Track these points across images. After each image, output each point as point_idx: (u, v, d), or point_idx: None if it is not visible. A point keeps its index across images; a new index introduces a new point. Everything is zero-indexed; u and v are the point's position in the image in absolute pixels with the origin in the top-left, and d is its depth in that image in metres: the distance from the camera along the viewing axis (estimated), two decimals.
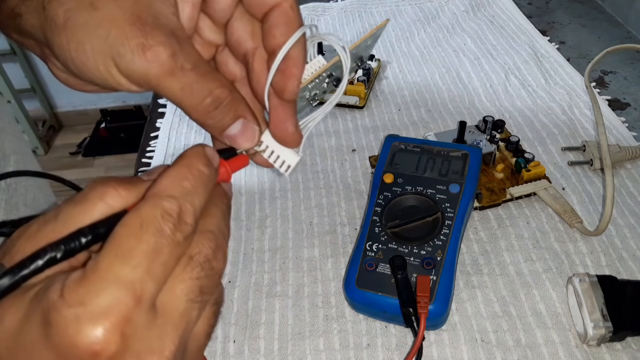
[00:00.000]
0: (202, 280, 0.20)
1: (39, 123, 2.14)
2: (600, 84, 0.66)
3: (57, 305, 0.17)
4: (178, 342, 0.19)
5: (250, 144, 0.26)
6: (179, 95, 0.23)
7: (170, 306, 0.19)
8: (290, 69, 0.25)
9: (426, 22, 0.81)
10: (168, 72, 0.23)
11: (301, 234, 0.49)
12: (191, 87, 0.23)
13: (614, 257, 0.44)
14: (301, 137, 0.27)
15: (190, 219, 0.20)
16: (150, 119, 0.67)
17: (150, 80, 0.23)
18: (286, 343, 0.41)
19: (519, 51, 0.72)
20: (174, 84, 0.23)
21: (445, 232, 0.42)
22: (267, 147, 0.27)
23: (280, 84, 0.25)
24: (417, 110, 0.63)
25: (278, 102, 0.26)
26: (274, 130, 0.27)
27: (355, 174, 0.55)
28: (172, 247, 0.19)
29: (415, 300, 0.38)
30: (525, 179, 0.50)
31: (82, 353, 0.17)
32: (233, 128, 0.25)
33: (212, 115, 0.24)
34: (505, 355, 0.38)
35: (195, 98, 0.24)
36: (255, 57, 0.27)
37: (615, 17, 0.80)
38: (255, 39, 0.26)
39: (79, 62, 0.23)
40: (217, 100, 0.24)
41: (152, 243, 0.18)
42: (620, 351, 0.38)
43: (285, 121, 0.27)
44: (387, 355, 0.39)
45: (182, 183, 0.20)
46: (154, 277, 0.18)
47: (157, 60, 0.22)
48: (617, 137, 0.56)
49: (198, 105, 0.24)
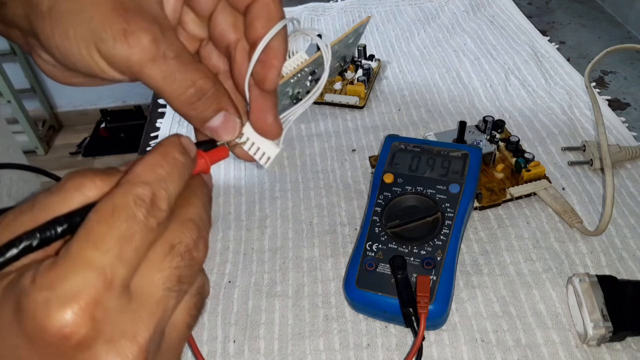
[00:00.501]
0: (182, 269, 0.20)
1: (39, 123, 2.14)
2: (600, 84, 0.66)
3: (28, 290, 0.17)
4: (153, 329, 0.19)
5: (231, 136, 0.26)
6: (160, 83, 0.23)
7: (146, 293, 0.19)
8: (270, 59, 0.25)
9: (426, 22, 0.81)
10: (150, 58, 0.23)
11: (301, 234, 0.49)
12: (174, 76, 0.23)
13: (614, 257, 0.44)
14: (281, 128, 0.28)
15: (164, 205, 0.20)
16: (150, 119, 0.67)
17: (132, 67, 0.23)
18: (286, 343, 0.41)
19: (519, 51, 0.72)
20: (156, 71, 0.23)
21: (445, 232, 0.42)
22: (247, 139, 0.28)
23: (261, 74, 0.26)
24: (417, 110, 0.63)
25: (259, 92, 0.26)
26: (254, 121, 0.27)
27: (355, 174, 0.55)
28: (144, 233, 0.19)
29: (415, 300, 0.38)
30: (525, 179, 0.50)
31: (51, 337, 0.17)
32: (215, 120, 0.25)
33: (194, 107, 0.25)
34: (505, 355, 0.38)
35: (177, 87, 0.24)
36: (237, 49, 0.27)
37: (615, 17, 0.80)
38: (237, 31, 0.27)
39: (63, 48, 0.23)
40: (200, 92, 0.24)
41: (124, 228, 0.18)
42: (620, 351, 0.38)
43: (266, 112, 0.27)
44: (387, 355, 0.39)
45: (156, 170, 0.20)
46: (125, 262, 0.18)
47: (138, 45, 0.22)
48: (617, 137, 0.56)
49: (181, 95, 0.24)
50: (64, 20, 0.23)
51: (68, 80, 0.27)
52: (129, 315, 0.18)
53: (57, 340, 0.17)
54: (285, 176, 0.55)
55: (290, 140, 0.60)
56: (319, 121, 0.62)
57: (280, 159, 0.57)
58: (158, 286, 0.19)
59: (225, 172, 0.57)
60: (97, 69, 0.24)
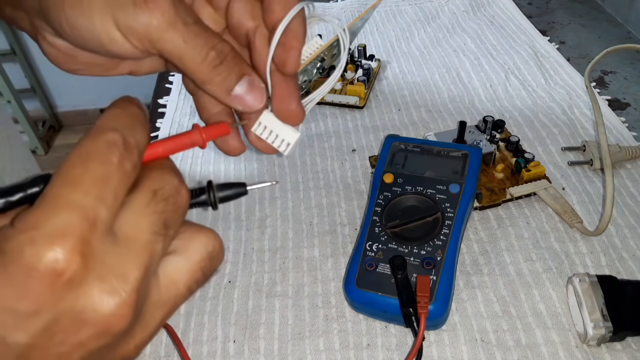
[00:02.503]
0: (167, 214, 0.20)
1: (39, 123, 2.14)
2: (600, 84, 0.66)
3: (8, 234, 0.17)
4: (143, 270, 0.19)
5: (259, 103, 0.26)
6: (182, 48, 0.23)
7: (133, 236, 0.19)
8: (290, 41, 0.25)
9: (426, 22, 0.81)
10: (170, 22, 0.22)
11: (301, 234, 0.49)
12: (195, 40, 0.23)
13: (614, 257, 0.44)
14: (304, 113, 0.27)
15: (135, 149, 0.20)
16: (150, 119, 0.67)
17: (152, 34, 0.22)
18: (286, 343, 0.41)
19: (519, 51, 0.72)
20: (177, 35, 0.23)
21: (445, 232, 0.42)
22: (265, 127, 0.27)
23: (282, 57, 0.25)
24: (417, 110, 0.63)
25: (280, 77, 0.26)
26: (277, 107, 0.27)
27: (355, 174, 0.55)
28: (121, 176, 0.19)
29: (415, 300, 0.38)
30: (525, 179, 0.50)
31: (41, 276, 0.17)
32: (240, 87, 0.25)
33: (218, 71, 0.24)
34: (505, 355, 0.38)
35: (199, 52, 0.23)
36: (257, 35, 0.26)
37: (615, 17, 0.80)
38: (255, 18, 0.26)
39: (73, 19, 0.23)
40: (222, 54, 0.24)
41: (100, 171, 0.18)
42: (620, 351, 0.38)
43: (289, 97, 0.26)
44: (387, 355, 0.39)
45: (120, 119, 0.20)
46: (106, 204, 0.18)
47: (159, 9, 0.22)
48: (617, 137, 0.56)
49: (203, 59, 0.24)
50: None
51: (71, 66, 0.27)
52: (117, 256, 0.18)
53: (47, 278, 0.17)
54: (285, 176, 0.55)
55: None
56: (319, 121, 0.62)
57: (281, 159, 0.58)
58: (144, 230, 0.19)
59: (225, 172, 0.57)
60: (107, 41, 0.23)
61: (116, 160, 0.19)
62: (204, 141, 0.25)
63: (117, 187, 0.19)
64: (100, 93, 2.17)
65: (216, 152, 0.60)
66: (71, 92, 2.17)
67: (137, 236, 0.19)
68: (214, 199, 0.24)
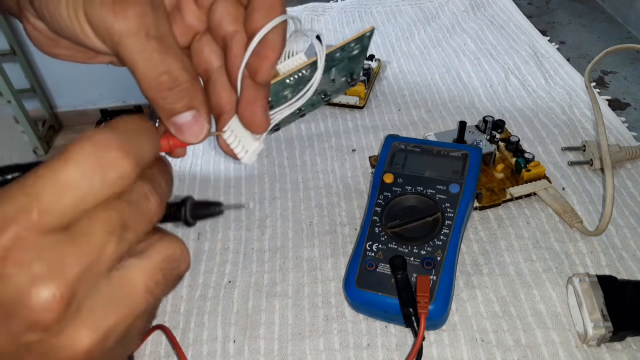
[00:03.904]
0: (127, 215, 0.20)
1: (39, 123, 2.14)
2: (600, 84, 0.66)
3: None
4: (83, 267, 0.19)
5: (194, 139, 0.25)
6: (135, 59, 0.23)
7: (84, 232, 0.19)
8: (266, 51, 0.25)
9: (426, 22, 0.81)
10: (131, 31, 0.22)
11: (301, 234, 0.49)
12: (150, 56, 0.23)
13: (614, 257, 0.44)
14: (268, 123, 0.27)
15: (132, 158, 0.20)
16: (150, 119, 0.67)
17: (112, 35, 0.22)
18: (286, 343, 0.41)
19: (519, 51, 0.72)
20: (133, 45, 0.22)
21: (445, 232, 0.42)
22: (231, 131, 0.27)
23: (255, 65, 0.25)
24: (417, 110, 0.63)
25: (251, 84, 0.26)
26: (242, 112, 0.26)
27: (355, 174, 0.55)
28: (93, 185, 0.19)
29: (415, 300, 0.38)
30: (525, 179, 0.50)
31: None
32: (182, 117, 0.25)
33: (163, 95, 0.24)
34: (505, 355, 0.38)
35: (151, 69, 0.23)
36: (235, 40, 0.26)
37: (615, 17, 0.80)
38: (237, 23, 0.26)
39: (52, 6, 0.23)
40: (174, 81, 0.24)
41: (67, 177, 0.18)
42: (620, 351, 0.38)
43: (255, 103, 0.26)
44: (387, 355, 0.39)
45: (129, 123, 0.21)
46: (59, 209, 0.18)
47: (123, 14, 0.22)
48: (617, 137, 0.56)
49: (152, 79, 0.23)
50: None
51: (53, 50, 0.27)
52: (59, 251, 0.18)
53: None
54: (285, 176, 0.55)
55: (290, 140, 0.60)
56: (319, 121, 0.62)
57: (281, 159, 0.57)
58: (96, 227, 0.19)
59: (225, 172, 0.57)
60: (80, 34, 0.23)
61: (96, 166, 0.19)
62: (170, 147, 0.25)
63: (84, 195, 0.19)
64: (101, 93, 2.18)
65: (217, 152, 0.60)
66: (71, 92, 2.17)
67: (87, 232, 0.19)
68: (186, 216, 0.24)
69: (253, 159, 0.27)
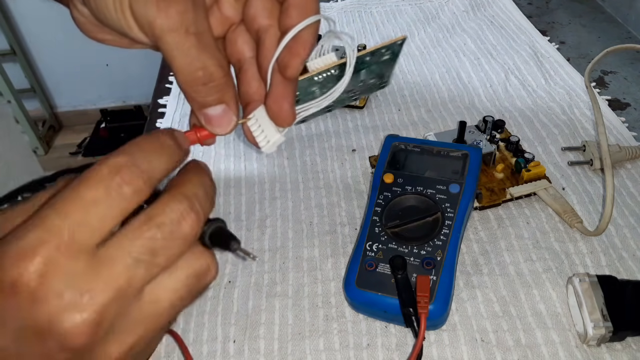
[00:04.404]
0: (158, 241, 0.20)
1: (39, 123, 2.14)
2: (600, 84, 0.66)
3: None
4: (112, 294, 0.19)
5: (223, 131, 0.27)
6: (174, 54, 0.24)
7: (112, 258, 0.20)
8: (297, 47, 0.26)
9: (426, 22, 0.81)
10: (172, 27, 0.23)
11: (301, 234, 0.49)
12: (188, 52, 0.24)
13: (614, 257, 0.44)
14: (294, 117, 0.28)
15: (144, 174, 0.20)
16: (150, 119, 0.67)
17: (154, 29, 0.23)
18: (286, 343, 0.41)
19: (519, 51, 0.72)
20: (173, 41, 0.23)
21: (445, 232, 0.42)
22: (256, 120, 0.28)
23: (285, 60, 0.26)
24: (417, 110, 0.63)
25: (280, 79, 0.27)
26: (270, 104, 0.27)
27: (355, 174, 0.55)
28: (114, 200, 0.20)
29: (415, 300, 0.38)
30: (525, 179, 0.50)
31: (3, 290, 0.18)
32: (213, 110, 0.26)
33: (197, 89, 0.25)
34: (505, 355, 0.38)
35: (188, 64, 0.24)
36: (268, 34, 0.27)
37: (615, 17, 0.80)
38: (271, 17, 0.27)
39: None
40: (209, 77, 0.25)
41: (90, 195, 0.19)
42: (620, 351, 0.38)
43: (283, 98, 0.27)
44: (387, 355, 0.39)
45: (141, 145, 0.21)
46: (87, 226, 0.19)
47: (166, 11, 0.23)
48: (617, 137, 0.56)
49: (189, 73, 0.24)
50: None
51: (98, 35, 0.28)
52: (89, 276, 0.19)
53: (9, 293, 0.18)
54: (285, 176, 0.55)
55: (290, 140, 0.60)
56: (319, 121, 0.62)
57: (281, 159, 0.57)
58: (125, 253, 0.20)
59: (225, 172, 0.57)
60: (125, 26, 0.24)
61: (113, 184, 0.20)
62: (199, 139, 0.27)
63: (106, 211, 0.20)
64: (101, 93, 2.18)
65: (217, 152, 0.60)
66: (71, 92, 2.17)
67: (116, 258, 0.20)
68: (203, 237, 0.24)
69: (273, 150, 0.29)
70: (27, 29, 1.98)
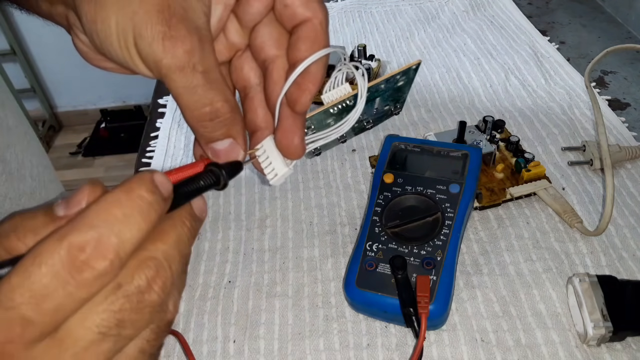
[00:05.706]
0: (125, 313, 0.19)
1: (39, 123, 2.14)
2: (600, 84, 0.66)
3: None
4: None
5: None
6: (180, 92, 0.24)
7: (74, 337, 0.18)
8: (306, 83, 0.26)
9: (426, 22, 0.81)
10: (179, 67, 0.23)
11: (301, 234, 0.49)
12: (195, 90, 0.23)
13: (614, 257, 0.44)
14: (304, 151, 0.28)
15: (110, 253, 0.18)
16: (150, 119, 0.67)
17: (160, 69, 0.23)
18: (286, 343, 0.41)
19: (519, 51, 0.72)
20: (180, 80, 0.23)
21: (445, 232, 0.42)
22: (264, 150, 0.28)
23: (295, 95, 0.26)
24: (417, 110, 0.63)
25: (289, 112, 0.27)
26: (280, 139, 0.27)
27: (355, 174, 0.55)
28: (72, 288, 0.17)
29: (415, 300, 0.38)
30: (525, 179, 0.50)
31: None
32: (220, 144, 0.25)
33: (204, 125, 0.25)
34: (505, 355, 0.38)
35: (194, 102, 0.24)
36: (276, 65, 0.27)
37: (615, 17, 0.80)
38: (279, 47, 0.27)
39: (103, 34, 0.24)
40: (215, 113, 0.24)
41: (42, 283, 0.17)
42: (620, 351, 0.38)
43: (293, 132, 0.27)
44: (387, 355, 0.39)
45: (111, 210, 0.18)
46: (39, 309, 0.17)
47: (172, 51, 0.23)
48: (617, 137, 0.56)
49: (195, 110, 0.24)
50: (109, 7, 0.23)
51: (100, 64, 0.27)
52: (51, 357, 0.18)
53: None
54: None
55: None
56: None
57: None
58: (89, 330, 0.18)
59: None
60: (130, 62, 0.24)
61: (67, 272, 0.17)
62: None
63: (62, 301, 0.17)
64: (100, 93, 2.18)
65: None
66: (71, 92, 2.17)
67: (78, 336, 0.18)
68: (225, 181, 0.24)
69: (281, 182, 0.28)
70: (27, 29, 1.98)
